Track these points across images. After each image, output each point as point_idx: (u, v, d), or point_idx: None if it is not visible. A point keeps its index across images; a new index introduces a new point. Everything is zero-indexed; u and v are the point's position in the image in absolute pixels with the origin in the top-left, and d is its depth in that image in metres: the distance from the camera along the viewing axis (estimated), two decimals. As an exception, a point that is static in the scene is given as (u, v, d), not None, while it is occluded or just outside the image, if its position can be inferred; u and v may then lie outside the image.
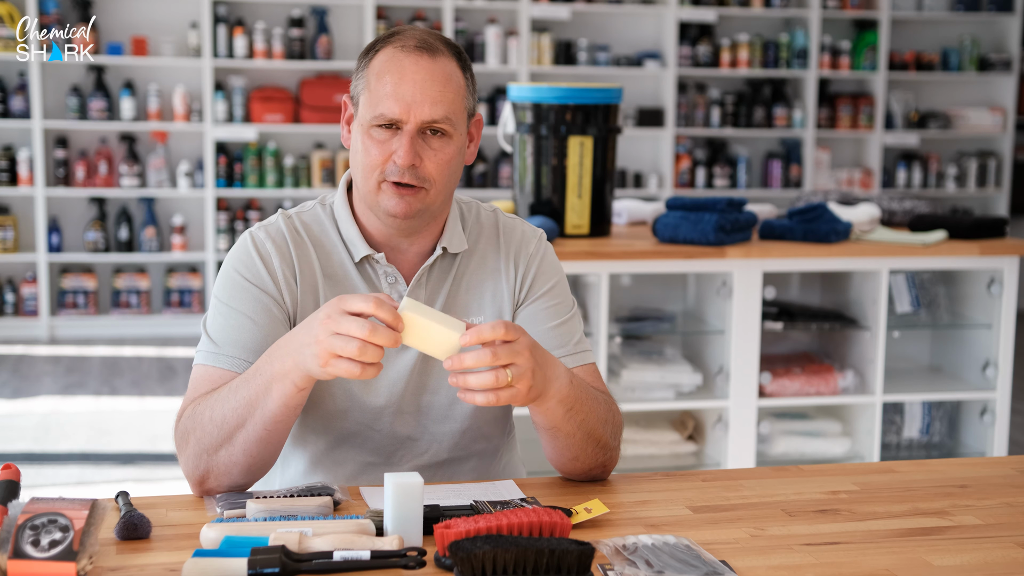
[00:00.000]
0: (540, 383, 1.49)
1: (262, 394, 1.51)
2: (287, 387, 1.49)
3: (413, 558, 1.31)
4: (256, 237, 1.71)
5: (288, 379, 1.48)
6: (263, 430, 1.53)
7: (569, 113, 3.36)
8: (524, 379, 1.45)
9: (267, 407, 1.51)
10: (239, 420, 1.53)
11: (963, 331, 3.81)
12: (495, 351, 1.43)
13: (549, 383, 1.52)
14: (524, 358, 1.45)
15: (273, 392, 1.50)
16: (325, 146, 6.71)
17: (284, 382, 1.49)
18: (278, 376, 1.49)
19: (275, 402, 1.50)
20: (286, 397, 1.50)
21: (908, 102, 7.28)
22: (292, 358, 1.47)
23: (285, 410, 1.52)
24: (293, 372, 1.48)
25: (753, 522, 1.52)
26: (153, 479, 4.20)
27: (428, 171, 1.64)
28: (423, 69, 1.62)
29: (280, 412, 1.52)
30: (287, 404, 1.51)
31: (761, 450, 3.66)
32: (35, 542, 1.25)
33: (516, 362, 1.44)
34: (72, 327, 6.43)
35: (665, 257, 3.32)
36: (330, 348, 1.41)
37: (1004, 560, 1.41)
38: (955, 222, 3.60)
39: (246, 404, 1.52)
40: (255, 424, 1.52)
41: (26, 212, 6.47)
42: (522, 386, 1.46)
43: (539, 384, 1.49)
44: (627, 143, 6.93)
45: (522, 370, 1.45)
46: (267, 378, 1.50)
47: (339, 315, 1.42)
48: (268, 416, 1.52)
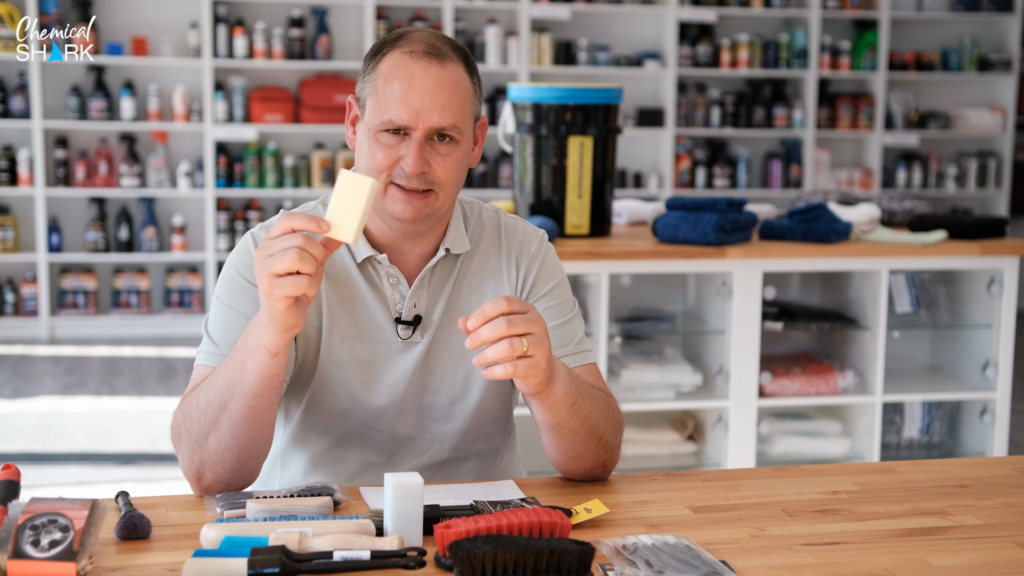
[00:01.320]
0: (552, 361, 1.50)
1: (239, 370, 1.51)
2: (260, 355, 1.49)
3: (413, 558, 1.31)
4: (257, 238, 1.71)
5: (262, 347, 1.48)
6: (245, 407, 1.53)
7: (569, 113, 3.36)
8: (541, 347, 1.46)
9: (245, 382, 1.51)
10: (222, 402, 1.53)
11: (963, 331, 3.81)
12: (510, 319, 1.43)
13: (557, 369, 1.53)
14: (540, 327, 1.46)
15: (248, 365, 1.50)
16: (325, 146, 6.71)
17: (258, 351, 1.49)
18: (251, 348, 1.49)
19: (251, 374, 1.50)
20: (261, 366, 1.50)
21: (908, 102, 7.28)
22: (260, 326, 1.48)
23: (262, 380, 1.51)
24: (263, 336, 1.48)
25: (753, 522, 1.52)
26: (153, 479, 4.20)
27: (437, 176, 1.64)
28: (432, 75, 1.62)
29: (258, 384, 1.51)
30: (263, 374, 1.50)
31: (761, 450, 3.66)
32: (35, 542, 1.25)
33: (532, 331, 1.45)
34: (72, 327, 6.43)
35: (665, 257, 3.32)
36: (268, 269, 1.41)
37: (1004, 560, 1.41)
38: (955, 222, 3.60)
39: (226, 384, 1.53)
40: (236, 402, 1.52)
41: (26, 212, 6.47)
42: (540, 355, 1.46)
43: (551, 361, 1.49)
44: (627, 143, 6.93)
45: (539, 338, 1.45)
46: (242, 354, 1.51)
47: (266, 242, 1.43)
48: (247, 391, 1.51)
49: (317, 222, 1.42)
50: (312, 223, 1.41)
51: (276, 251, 1.41)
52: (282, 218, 1.43)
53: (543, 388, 1.52)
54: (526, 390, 1.52)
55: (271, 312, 1.45)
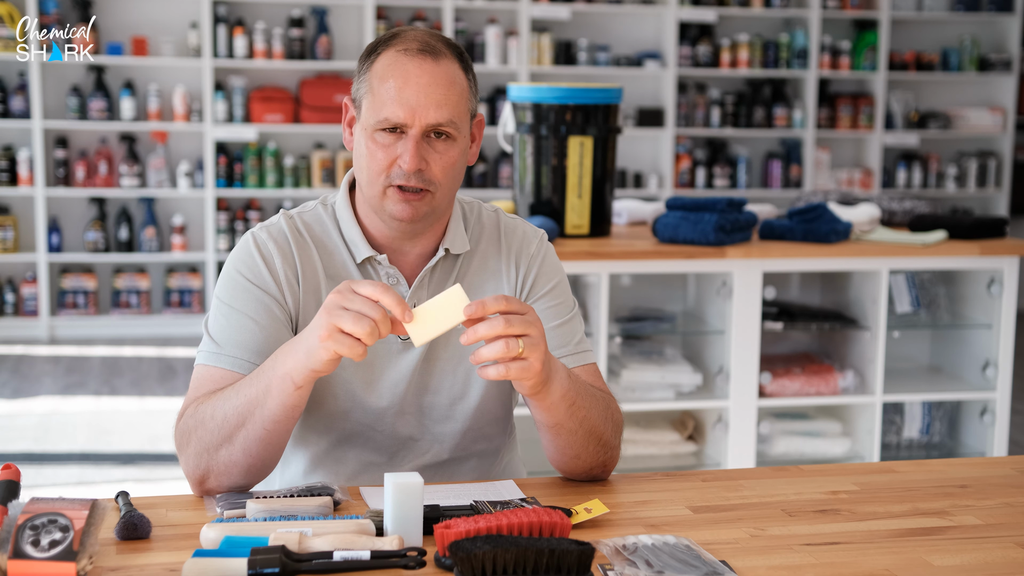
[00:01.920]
0: (549, 363, 1.50)
1: (263, 394, 1.51)
2: (286, 385, 1.49)
3: (413, 558, 1.31)
4: (258, 238, 1.71)
5: (288, 378, 1.49)
6: (263, 430, 1.53)
7: (569, 113, 3.36)
8: (536, 351, 1.46)
9: (267, 407, 1.51)
10: (240, 420, 1.53)
11: (963, 331, 3.81)
12: (508, 319, 1.43)
13: (554, 371, 1.53)
14: (537, 329, 1.46)
15: (273, 391, 1.50)
16: (325, 146, 6.71)
17: (284, 381, 1.49)
18: (280, 376, 1.50)
19: (274, 401, 1.51)
20: (284, 396, 1.50)
21: (908, 102, 7.28)
22: (294, 355, 1.48)
23: (283, 410, 1.52)
24: (294, 369, 1.48)
25: (753, 522, 1.52)
26: (153, 479, 4.20)
27: (434, 174, 1.64)
28: (427, 72, 1.62)
29: (279, 412, 1.52)
30: (285, 404, 1.51)
31: (761, 450, 3.66)
32: (35, 542, 1.25)
33: (529, 333, 1.45)
34: (72, 327, 6.43)
35: (665, 257, 3.32)
36: (337, 322, 1.41)
37: (1004, 560, 1.41)
38: (955, 222, 3.60)
39: (247, 403, 1.52)
40: (255, 424, 1.53)
41: (26, 212, 6.47)
42: (535, 359, 1.46)
43: (548, 363, 1.49)
44: (627, 143, 6.93)
45: (534, 341, 1.45)
46: (268, 378, 1.51)
47: (350, 292, 1.42)
48: (267, 416, 1.52)
49: (404, 309, 1.42)
50: (400, 308, 1.42)
51: (353, 310, 1.41)
52: (377, 285, 1.42)
53: (540, 389, 1.52)
54: (523, 391, 1.52)
55: (313, 352, 1.45)
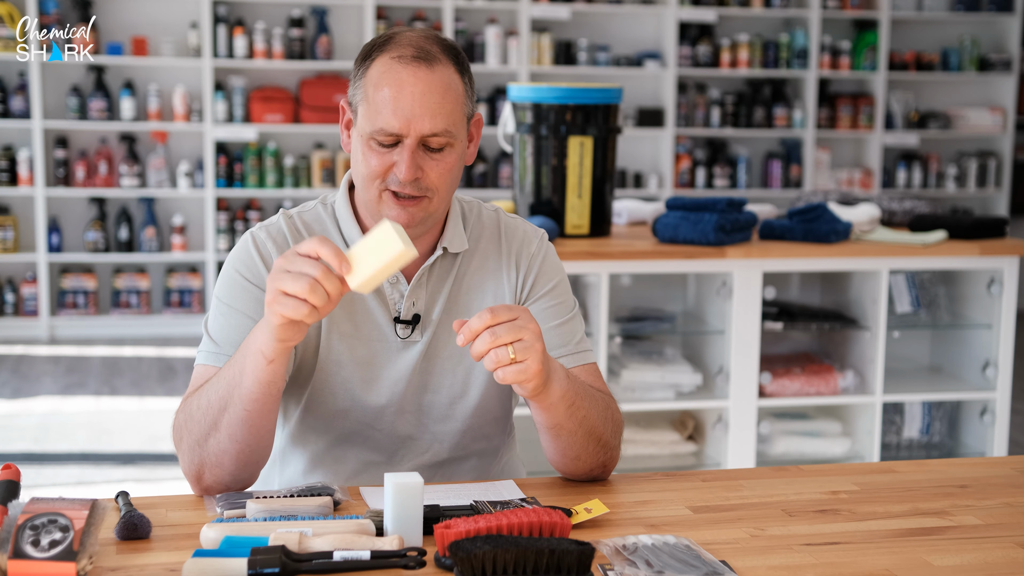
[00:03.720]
0: (547, 363, 1.50)
1: (239, 374, 1.51)
2: (259, 361, 1.49)
3: (413, 558, 1.31)
4: (257, 237, 1.71)
5: (260, 353, 1.48)
6: (243, 411, 1.53)
7: (569, 113, 3.36)
8: (532, 352, 1.46)
9: (243, 385, 1.51)
10: (222, 404, 1.53)
11: (963, 331, 3.81)
12: (494, 331, 1.43)
13: (553, 371, 1.53)
14: (529, 332, 1.46)
15: (247, 369, 1.50)
16: (325, 146, 6.71)
17: (256, 356, 1.49)
18: (252, 352, 1.49)
19: (249, 378, 1.50)
20: (259, 371, 1.49)
21: (908, 102, 7.28)
22: (262, 329, 1.47)
23: (259, 386, 1.51)
24: (264, 343, 1.47)
25: (753, 522, 1.52)
26: (153, 479, 4.20)
27: (431, 181, 1.64)
28: (421, 81, 1.61)
29: (256, 389, 1.51)
30: (260, 380, 1.50)
31: (761, 450, 3.66)
32: (35, 542, 1.25)
33: (521, 337, 1.45)
34: (72, 327, 6.43)
35: (665, 257, 3.32)
36: (279, 285, 1.40)
37: (1004, 560, 1.41)
38: (955, 222, 3.60)
39: (227, 387, 1.53)
40: (235, 406, 1.52)
41: (26, 212, 6.47)
42: (531, 360, 1.46)
43: (547, 364, 1.50)
44: (627, 143, 6.93)
45: (528, 343, 1.45)
46: (243, 356, 1.51)
47: (292, 254, 1.41)
48: (245, 395, 1.51)
49: (342, 260, 1.40)
50: (337, 259, 1.40)
51: (294, 270, 1.40)
52: (314, 240, 1.41)
53: (539, 391, 1.52)
54: (523, 392, 1.52)
55: (269, 321, 1.45)
